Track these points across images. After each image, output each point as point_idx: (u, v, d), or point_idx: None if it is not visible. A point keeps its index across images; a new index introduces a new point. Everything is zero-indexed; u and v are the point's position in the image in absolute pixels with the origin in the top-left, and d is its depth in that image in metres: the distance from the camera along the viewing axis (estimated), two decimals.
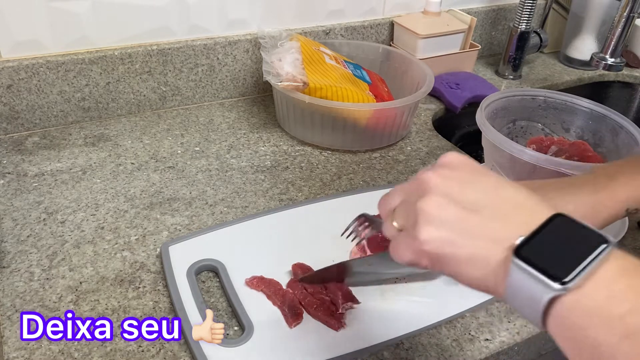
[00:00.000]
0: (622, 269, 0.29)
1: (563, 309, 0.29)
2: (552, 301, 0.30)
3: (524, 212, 0.33)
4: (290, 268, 0.60)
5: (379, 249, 0.60)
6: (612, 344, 0.28)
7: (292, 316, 0.54)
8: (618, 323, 0.28)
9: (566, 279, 0.29)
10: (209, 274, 0.60)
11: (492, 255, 0.32)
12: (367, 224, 0.53)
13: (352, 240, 0.54)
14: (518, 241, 0.31)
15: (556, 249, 0.30)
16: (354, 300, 0.56)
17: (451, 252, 0.34)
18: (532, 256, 0.30)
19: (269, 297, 0.56)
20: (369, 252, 0.61)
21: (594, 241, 0.30)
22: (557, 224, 0.32)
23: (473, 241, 0.33)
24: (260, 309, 0.55)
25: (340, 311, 0.55)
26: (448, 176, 0.36)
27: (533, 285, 0.30)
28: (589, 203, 0.49)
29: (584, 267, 0.29)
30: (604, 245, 0.30)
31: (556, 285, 0.29)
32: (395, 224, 0.38)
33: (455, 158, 0.38)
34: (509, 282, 0.31)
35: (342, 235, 0.53)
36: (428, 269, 0.36)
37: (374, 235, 0.58)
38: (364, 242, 0.61)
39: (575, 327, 0.29)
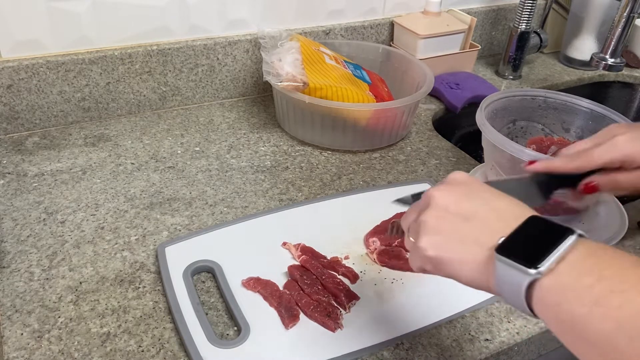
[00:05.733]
0: (588, 252, 0.34)
1: (542, 291, 0.34)
2: (532, 285, 0.34)
3: (507, 219, 0.38)
4: (286, 269, 0.60)
5: (385, 259, 0.62)
6: (584, 313, 0.31)
7: (289, 317, 0.54)
8: (587, 292, 0.32)
9: (539, 264, 0.34)
10: (207, 275, 0.60)
11: (479, 256, 0.38)
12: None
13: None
14: (500, 241, 0.36)
15: (531, 243, 0.35)
16: (355, 296, 0.57)
17: (446, 256, 0.39)
18: (511, 251, 0.35)
19: (265, 298, 0.56)
20: (376, 259, 0.62)
21: (562, 233, 0.35)
22: (531, 223, 0.37)
23: (463, 245, 0.39)
24: (256, 310, 0.55)
25: (347, 311, 0.55)
26: (449, 191, 0.42)
27: (514, 274, 0.35)
28: None
29: (554, 253, 0.34)
30: (570, 235, 0.34)
31: (532, 271, 0.34)
32: (411, 238, 0.43)
33: (458, 175, 0.44)
34: (496, 276, 0.36)
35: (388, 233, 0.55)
36: (433, 274, 0.41)
37: (384, 248, 0.62)
38: (376, 252, 0.62)
39: (554, 304, 0.33)
